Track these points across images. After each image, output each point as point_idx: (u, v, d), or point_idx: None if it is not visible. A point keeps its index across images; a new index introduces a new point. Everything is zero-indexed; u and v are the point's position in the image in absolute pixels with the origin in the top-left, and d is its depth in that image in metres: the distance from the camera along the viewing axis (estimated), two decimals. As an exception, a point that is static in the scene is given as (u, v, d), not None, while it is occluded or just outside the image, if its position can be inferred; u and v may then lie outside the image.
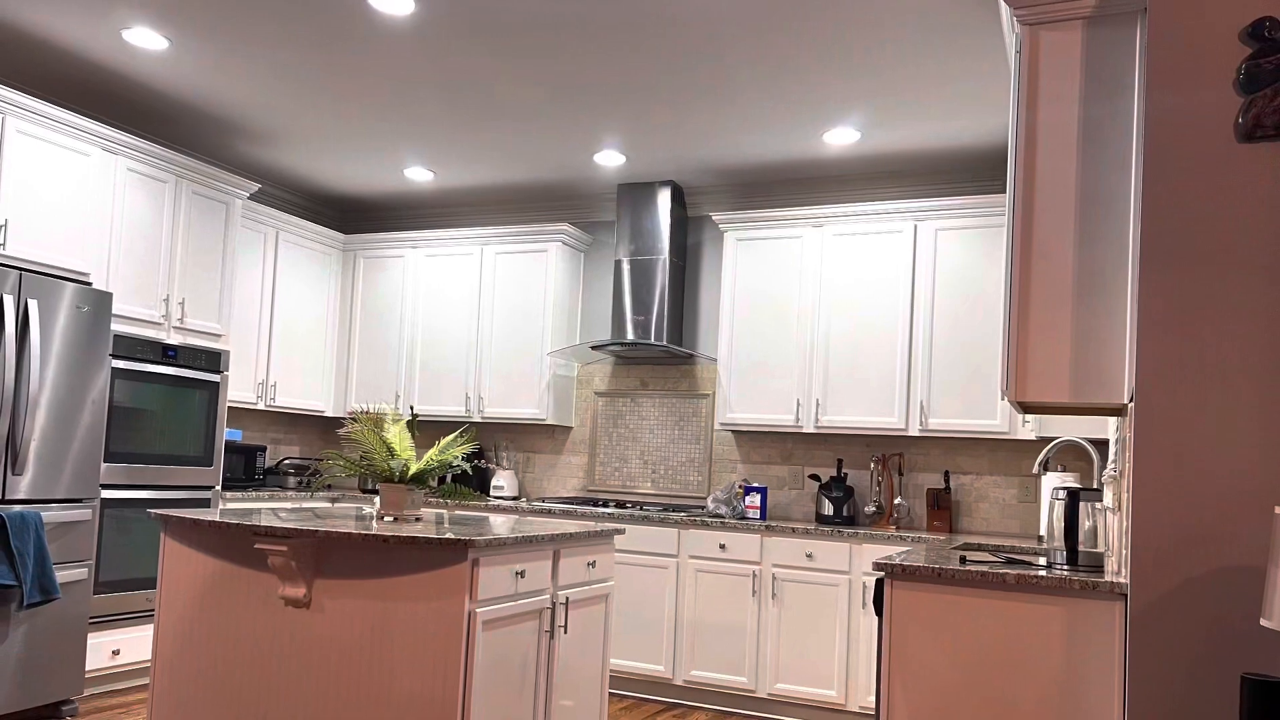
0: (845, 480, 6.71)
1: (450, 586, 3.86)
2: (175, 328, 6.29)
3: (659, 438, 7.52)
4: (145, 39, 5.35)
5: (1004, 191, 6.52)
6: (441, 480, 6.42)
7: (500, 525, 4.73)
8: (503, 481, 7.63)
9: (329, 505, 6.75)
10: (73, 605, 5.41)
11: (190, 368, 6.31)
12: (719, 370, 6.91)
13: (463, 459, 7.48)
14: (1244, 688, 2.45)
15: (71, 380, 5.41)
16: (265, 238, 7.42)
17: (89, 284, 5.72)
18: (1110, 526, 4.09)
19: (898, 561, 3.59)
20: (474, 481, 7.80)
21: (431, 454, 4.67)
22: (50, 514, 5.29)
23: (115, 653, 5.89)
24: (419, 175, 7.61)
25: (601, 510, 6.71)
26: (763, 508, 6.64)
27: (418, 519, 4.67)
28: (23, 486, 5.17)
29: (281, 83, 5.87)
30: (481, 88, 5.78)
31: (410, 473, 4.59)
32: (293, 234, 7.68)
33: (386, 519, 4.57)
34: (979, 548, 4.95)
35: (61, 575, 5.32)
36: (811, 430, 6.59)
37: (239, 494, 6.73)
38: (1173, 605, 2.89)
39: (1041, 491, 5.71)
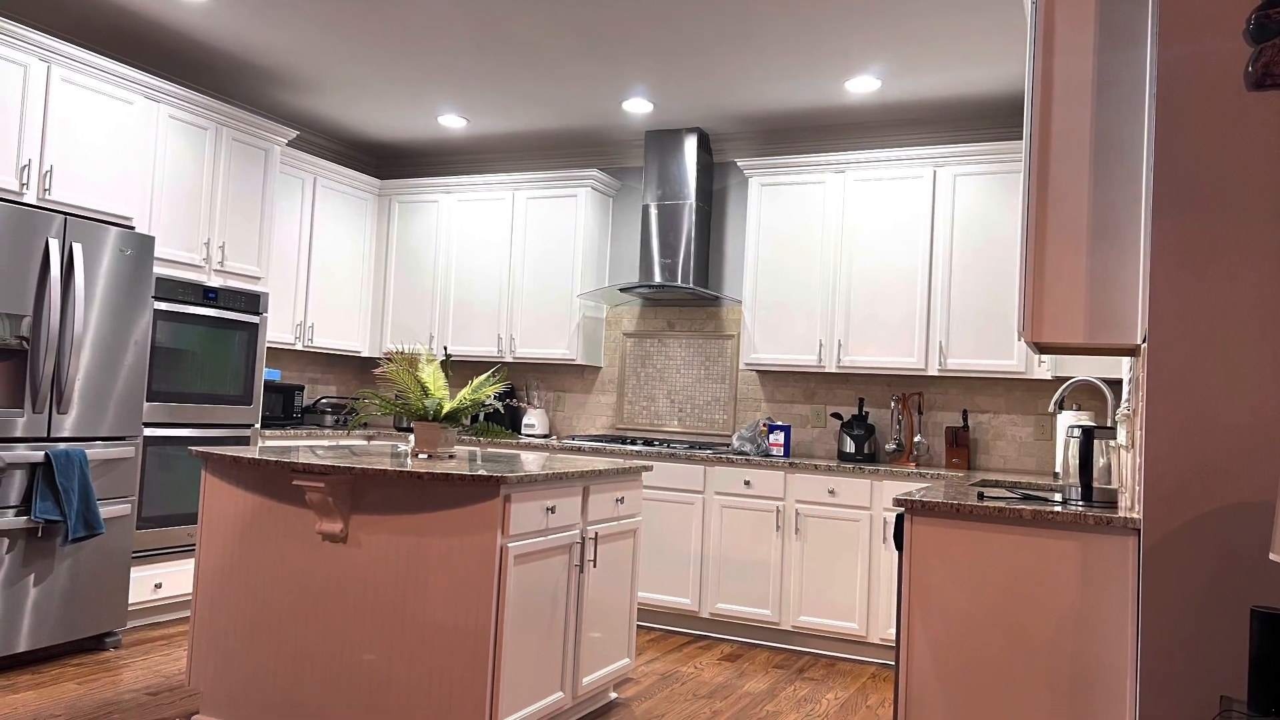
0: (866, 419, 6.78)
1: (483, 522, 3.90)
2: (216, 270, 6.37)
3: (685, 377, 7.61)
4: (183, -12, 5.42)
5: (1020, 138, 6.53)
6: (474, 419, 6.54)
7: (531, 462, 4.77)
8: (534, 420, 7.73)
9: (365, 443, 6.84)
10: (116, 540, 5.50)
11: (230, 309, 6.38)
12: (744, 312, 6.97)
13: (495, 398, 7.60)
14: (1253, 620, 2.48)
15: (115, 321, 5.48)
16: (303, 183, 7.50)
17: (132, 228, 5.78)
18: (1124, 464, 4.14)
19: (917, 498, 3.61)
20: (506, 420, 7.89)
21: (464, 393, 4.69)
22: (94, 451, 5.37)
23: (157, 586, 5.99)
24: (452, 122, 7.66)
25: (630, 448, 6.79)
26: (786, 445, 6.72)
27: (451, 456, 4.68)
28: (68, 425, 5.25)
29: (319, 32, 5.92)
30: (514, 37, 5.82)
31: (444, 411, 4.60)
32: (330, 179, 7.76)
33: (421, 456, 4.59)
34: (996, 484, 4.94)
35: (105, 511, 5.41)
36: (834, 370, 6.66)
37: (277, 432, 6.81)
38: (1184, 540, 2.90)
39: (1057, 429, 5.73)
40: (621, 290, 7.25)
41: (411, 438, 7.65)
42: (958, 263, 6.35)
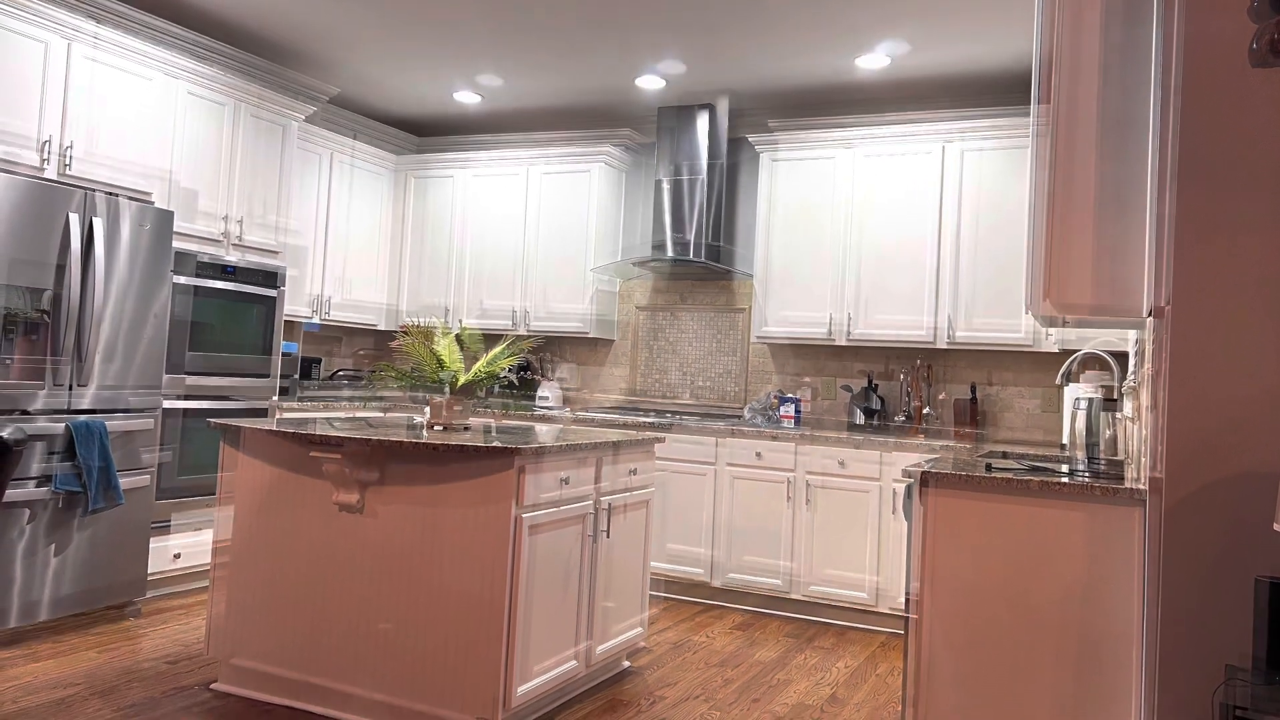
0: (876, 390, 6.82)
1: (498, 492, 3.94)
2: (235, 245, 6.41)
3: (698, 350, 7.65)
4: (199, -36, 5.44)
5: (1028, 113, 6.53)
6: (489, 391, 6.59)
7: (545, 434, 4.79)
8: (548, 392, 7.78)
9: (381, 415, 6.89)
10: (135, 511, 5.55)
11: (249, 283, 6.41)
12: (755, 285, 7.01)
13: (509, 370, 7.66)
14: (1258, 589, 2.51)
15: (135, 295, 5.52)
16: (321, 158, 7.53)
17: (151, 203, 5.83)
18: (1130, 435, 4.17)
19: (927, 469, 3.62)
20: (520, 392, 7.97)
21: (479, 365, 4.73)
22: (114, 423, 5.41)
23: (176, 556, 6.03)
24: (468, 98, 7.68)
25: (643, 419, 6.84)
26: (797, 417, 6.76)
27: (466, 428, 4.73)
28: (88, 397, 5.30)
29: (338, 8, 5.95)
30: (529, 13, 5.84)
31: (459, 383, 4.65)
32: (347, 155, 7.79)
33: (436, 428, 4.63)
34: (1004, 455, 4.89)
35: (125, 482, 5.46)
36: (844, 343, 6.69)
37: (295, 404, 6.84)
38: (1193, 510, 2.92)
39: (1064, 401, 5.77)
40: (635, 264, 7.29)
41: (427, 409, 7.71)
42: (966, 237, 6.37)
